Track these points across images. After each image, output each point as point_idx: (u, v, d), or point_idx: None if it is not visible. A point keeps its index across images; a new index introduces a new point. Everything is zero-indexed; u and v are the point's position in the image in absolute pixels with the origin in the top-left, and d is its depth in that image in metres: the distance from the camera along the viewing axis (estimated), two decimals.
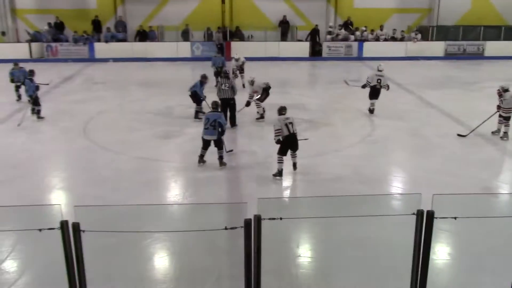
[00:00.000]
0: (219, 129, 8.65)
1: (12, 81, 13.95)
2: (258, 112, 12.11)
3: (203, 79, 12.05)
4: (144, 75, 19.60)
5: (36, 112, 12.02)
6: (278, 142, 8.29)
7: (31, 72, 12.29)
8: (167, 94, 15.50)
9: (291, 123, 8.25)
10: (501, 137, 10.63)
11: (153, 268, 5.90)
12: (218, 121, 8.61)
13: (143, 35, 22.86)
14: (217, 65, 15.71)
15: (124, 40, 22.68)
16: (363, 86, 12.74)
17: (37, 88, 11.92)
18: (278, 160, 8.36)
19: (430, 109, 13.51)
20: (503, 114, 10.50)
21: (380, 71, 12.56)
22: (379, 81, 12.43)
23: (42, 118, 12.01)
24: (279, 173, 8.36)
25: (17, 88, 13.89)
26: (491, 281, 5.51)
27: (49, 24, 22.55)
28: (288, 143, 8.27)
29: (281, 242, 6.16)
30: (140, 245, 6.10)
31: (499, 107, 10.51)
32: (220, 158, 8.83)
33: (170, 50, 22.46)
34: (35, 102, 11.97)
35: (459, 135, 10.78)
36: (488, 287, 5.50)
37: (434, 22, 24.65)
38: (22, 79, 13.28)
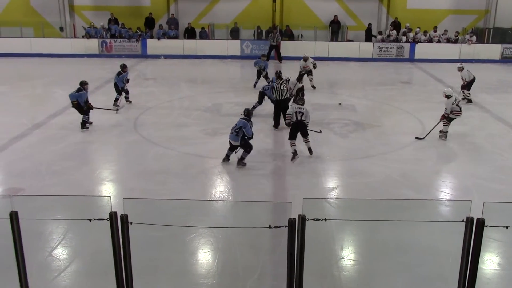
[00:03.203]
0: (245, 137, 8.73)
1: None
2: None
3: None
4: (193, 72, 19.89)
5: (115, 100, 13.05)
6: (288, 124, 9.51)
7: (122, 67, 13.22)
8: (215, 91, 15.66)
9: (301, 113, 9.24)
10: (440, 136, 10.66)
11: (197, 262, 5.99)
12: (243, 129, 8.66)
13: (191, 33, 23.19)
14: (259, 65, 15.70)
15: (175, 37, 23.06)
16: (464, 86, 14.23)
17: (127, 80, 13.28)
18: (291, 144, 9.27)
19: (484, 114, 13.08)
20: (452, 116, 10.57)
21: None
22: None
23: (118, 105, 13.00)
24: (293, 155, 9.18)
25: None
26: None
27: (108, 20, 23.14)
28: (295, 128, 9.26)
29: (324, 243, 6.12)
30: (184, 239, 6.20)
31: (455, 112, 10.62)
32: (241, 158, 8.82)
33: (220, 48, 22.66)
34: (120, 91, 13.11)
35: (417, 138, 10.67)
36: None
37: (490, 24, 23.83)
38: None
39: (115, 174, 8.83)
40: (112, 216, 4.17)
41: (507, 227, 4.20)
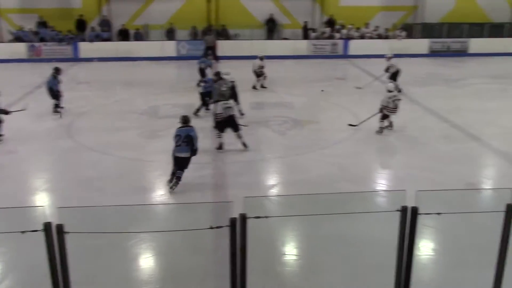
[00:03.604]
0: (192, 146, 7.88)
1: None
2: None
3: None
4: (128, 75, 19.47)
5: (55, 106, 12.56)
6: (218, 122, 9.64)
7: (58, 70, 12.77)
8: (152, 93, 15.43)
9: (229, 107, 9.63)
10: (376, 131, 10.93)
11: (138, 268, 5.87)
12: (191, 135, 7.86)
13: (125, 34, 22.73)
14: (204, 63, 15.62)
15: (108, 39, 22.50)
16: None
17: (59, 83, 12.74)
18: (217, 136, 9.66)
19: (415, 106, 13.59)
20: (386, 112, 10.84)
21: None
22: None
23: (60, 110, 12.55)
24: (219, 146, 9.63)
25: None
26: (474, 275, 5.56)
27: (37, 23, 22.24)
28: (225, 124, 9.59)
29: (266, 241, 6.15)
30: (125, 246, 6.06)
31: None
32: (178, 179, 7.87)
33: (155, 49, 22.34)
34: (55, 96, 12.53)
35: (350, 125, 11.25)
36: (471, 282, 5.54)
37: (419, 20, 24.82)
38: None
39: (49, 183, 8.51)
40: (47, 226, 4.01)
41: (439, 214, 4.37)
